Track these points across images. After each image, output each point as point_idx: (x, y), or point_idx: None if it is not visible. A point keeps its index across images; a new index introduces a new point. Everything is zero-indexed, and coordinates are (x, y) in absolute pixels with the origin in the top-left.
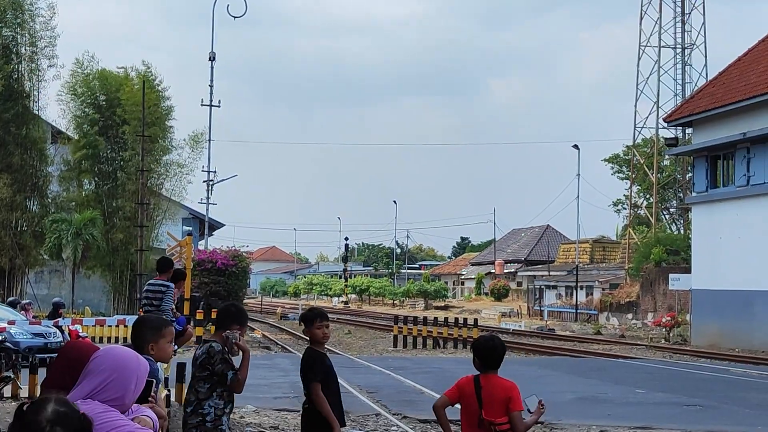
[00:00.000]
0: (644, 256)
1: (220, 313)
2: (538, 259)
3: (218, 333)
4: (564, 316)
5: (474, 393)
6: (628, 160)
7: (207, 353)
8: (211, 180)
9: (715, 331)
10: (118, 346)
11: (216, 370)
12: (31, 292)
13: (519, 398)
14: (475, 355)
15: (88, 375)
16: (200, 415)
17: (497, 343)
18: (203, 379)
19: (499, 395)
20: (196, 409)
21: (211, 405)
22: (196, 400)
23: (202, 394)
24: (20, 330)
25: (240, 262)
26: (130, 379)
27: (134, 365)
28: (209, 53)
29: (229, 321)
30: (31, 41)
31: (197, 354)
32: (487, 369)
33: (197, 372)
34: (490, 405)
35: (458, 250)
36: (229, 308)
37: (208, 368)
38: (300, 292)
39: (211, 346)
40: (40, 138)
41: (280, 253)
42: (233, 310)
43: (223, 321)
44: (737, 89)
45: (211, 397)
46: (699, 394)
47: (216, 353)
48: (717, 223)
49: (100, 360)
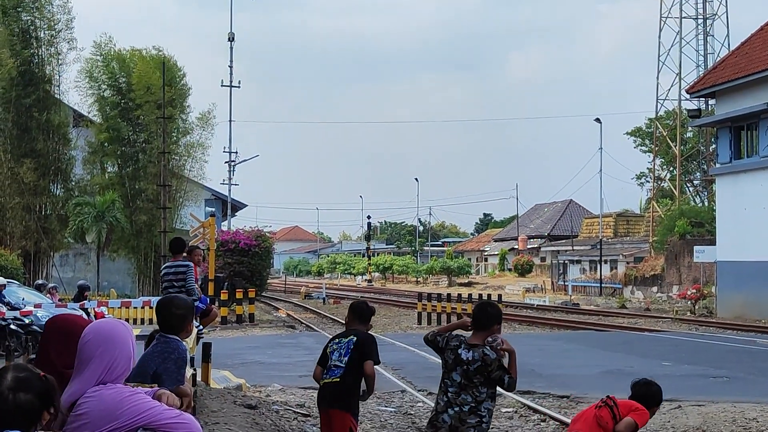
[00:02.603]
0: (668, 229)
1: (478, 313)
2: (561, 234)
3: (480, 335)
4: (588, 290)
5: None
6: (651, 132)
7: (482, 361)
8: (233, 160)
9: (741, 303)
10: (99, 321)
11: (494, 377)
12: (56, 275)
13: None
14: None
15: (92, 359)
16: (478, 416)
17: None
18: (478, 384)
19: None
20: (474, 410)
21: (486, 407)
22: (475, 402)
23: (480, 397)
24: (46, 313)
25: (263, 242)
26: (129, 349)
27: (125, 333)
28: (228, 34)
29: (491, 322)
30: (50, 25)
31: (466, 358)
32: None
33: (473, 378)
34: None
35: (481, 226)
36: (486, 308)
37: (485, 375)
38: (323, 272)
39: (485, 354)
40: (63, 122)
41: (303, 233)
42: (492, 311)
43: (483, 321)
44: (760, 59)
45: (487, 400)
46: (725, 366)
47: (492, 361)
48: (741, 194)
49: (94, 342)
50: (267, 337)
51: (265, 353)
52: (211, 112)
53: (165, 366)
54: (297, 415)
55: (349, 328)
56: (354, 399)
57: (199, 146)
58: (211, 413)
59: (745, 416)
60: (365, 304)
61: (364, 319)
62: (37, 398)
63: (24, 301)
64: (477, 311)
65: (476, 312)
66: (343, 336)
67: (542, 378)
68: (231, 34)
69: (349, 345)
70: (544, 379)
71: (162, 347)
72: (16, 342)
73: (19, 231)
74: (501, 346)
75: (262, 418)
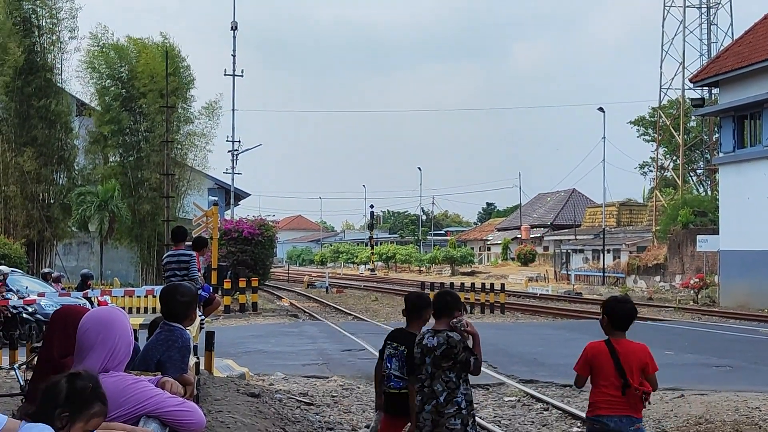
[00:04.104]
0: (671, 218)
1: (437, 303)
2: (564, 223)
3: (443, 321)
4: (591, 279)
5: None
6: (654, 122)
7: (447, 344)
8: (236, 150)
9: (744, 292)
10: (97, 309)
11: (460, 359)
12: (59, 264)
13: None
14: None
15: (93, 347)
16: (455, 404)
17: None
18: (447, 369)
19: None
20: (450, 398)
21: (462, 393)
22: (448, 390)
23: (452, 384)
24: (50, 302)
25: (266, 231)
26: (129, 336)
27: (123, 320)
28: (231, 23)
29: (450, 309)
30: (51, 13)
31: (432, 344)
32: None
33: (442, 362)
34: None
35: (484, 215)
36: (446, 297)
37: (452, 358)
38: (326, 261)
39: (449, 336)
40: (65, 111)
41: (306, 222)
42: (449, 299)
43: (442, 309)
44: (764, 48)
45: (461, 385)
46: (728, 355)
47: (457, 342)
48: (744, 183)
49: (93, 330)
50: (270, 326)
51: (268, 342)
52: (218, 102)
53: (169, 354)
54: (300, 404)
55: (404, 329)
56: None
57: (202, 136)
58: (214, 401)
59: (748, 405)
60: (417, 295)
61: (414, 314)
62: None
63: (27, 290)
64: (436, 301)
65: (435, 301)
66: (396, 340)
67: (545, 367)
68: (234, 23)
69: (403, 356)
70: (546, 368)
71: (166, 335)
72: (22, 330)
73: (23, 220)
74: (465, 327)
75: (265, 407)
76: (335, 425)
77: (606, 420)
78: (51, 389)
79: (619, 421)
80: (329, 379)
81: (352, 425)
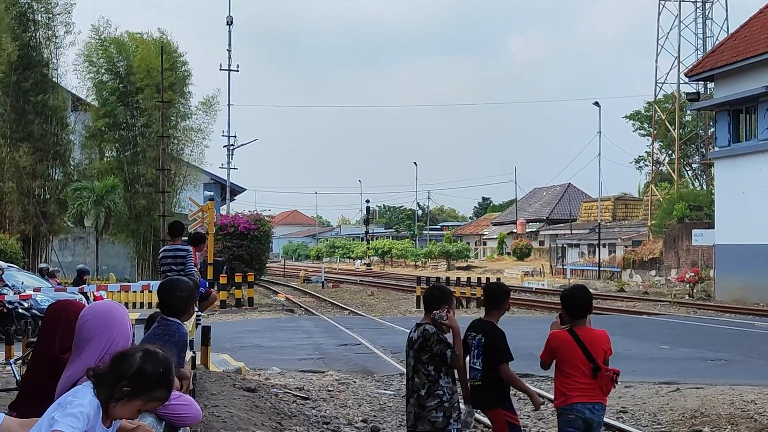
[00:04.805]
0: (667, 213)
1: (426, 298)
2: (560, 217)
3: (427, 315)
4: (587, 274)
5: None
6: (650, 116)
7: (423, 336)
8: (232, 145)
9: (739, 286)
10: (97, 303)
11: (435, 351)
12: (55, 259)
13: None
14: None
15: (92, 339)
16: (437, 396)
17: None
18: (426, 362)
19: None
20: (431, 391)
21: (443, 385)
22: (428, 383)
23: (432, 377)
24: (46, 297)
25: (262, 226)
26: (127, 329)
27: (123, 313)
28: (227, 17)
29: (437, 303)
30: (47, 8)
31: (412, 337)
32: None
33: (420, 355)
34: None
35: (480, 210)
36: (433, 291)
37: (428, 350)
38: (322, 256)
39: (425, 329)
40: (60, 106)
41: (302, 217)
42: (437, 293)
43: (430, 304)
44: (759, 42)
45: (442, 378)
46: (723, 349)
47: (431, 335)
48: (740, 177)
49: (93, 322)
50: (266, 320)
51: (264, 337)
52: (216, 97)
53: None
54: (296, 398)
55: (482, 319)
56: (498, 393)
57: (199, 131)
58: (210, 396)
59: (743, 399)
60: (497, 285)
61: (493, 305)
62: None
63: (23, 285)
64: (425, 295)
65: (424, 296)
66: (474, 330)
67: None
68: (229, 17)
69: (479, 344)
70: None
71: (163, 330)
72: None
73: (18, 215)
74: (443, 320)
75: (261, 401)
76: (331, 419)
77: (580, 407)
78: (123, 359)
79: (593, 408)
80: (325, 373)
81: (348, 419)
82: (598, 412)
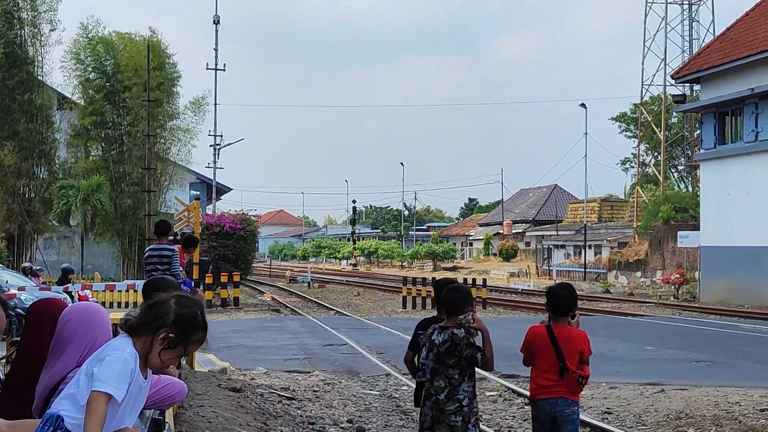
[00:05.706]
0: (652, 214)
1: (447, 301)
2: (546, 218)
3: (452, 319)
4: (573, 275)
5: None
6: (636, 118)
7: (451, 341)
8: (218, 144)
9: (724, 288)
10: (79, 303)
11: (465, 356)
12: (40, 258)
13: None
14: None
15: (73, 339)
16: (457, 400)
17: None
18: (451, 365)
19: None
20: (451, 395)
21: (464, 389)
22: (450, 387)
23: (455, 381)
24: (30, 296)
25: (248, 226)
26: (109, 330)
27: (104, 315)
28: (213, 16)
29: (458, 307)
30: (32, 5)
31: (437, 341)
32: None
33: (446, 359)
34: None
35: (466, 211)
36: (453, 295)
37: (456, 355)
38: (308, 256)
39: (454, 333)
40: (46, 104)
41: (288, 217)
42: (456, 296)
43: (452, 307)
44: (745, 44)
45: (464, 382)
46: (708, 350)
47: (461, 339)
48: (725, 179)
49: (74, 321)
50: (252, 320)
51: (249, 337)
52: (205, 98)
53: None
54: (282, 399)
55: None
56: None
57: (187, 131)
58: (195, 396)
59: (728, 400)
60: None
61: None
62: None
63: (8, 284)
64: (445, 298)
65: (444, 298)
66: (425, 329)
67: None
68: (216, 16)
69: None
70: None
71: None
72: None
73: (3, 214)
74: (471, 323)
75: (246, 401)
76: (317, 420)
77: (542, 403)
78: (158, 307)
79: (554, 402)
80: (311, 373)
81: (334, 420)
82: (560, 407)
